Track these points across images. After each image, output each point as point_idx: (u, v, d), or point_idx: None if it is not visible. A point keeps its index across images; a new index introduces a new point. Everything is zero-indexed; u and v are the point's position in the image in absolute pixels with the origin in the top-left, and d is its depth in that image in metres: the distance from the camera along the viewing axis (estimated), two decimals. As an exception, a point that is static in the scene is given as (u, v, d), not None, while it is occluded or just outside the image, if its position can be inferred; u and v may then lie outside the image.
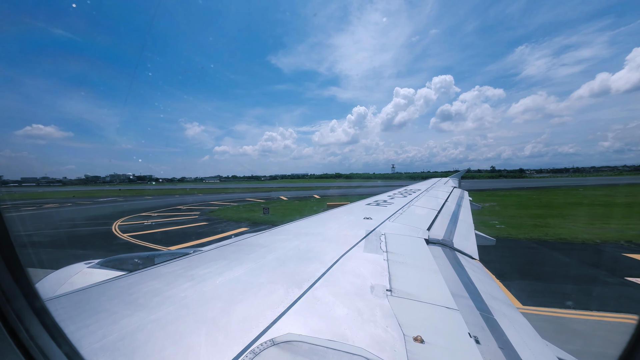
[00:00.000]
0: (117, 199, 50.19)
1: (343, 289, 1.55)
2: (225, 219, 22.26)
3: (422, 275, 1.91)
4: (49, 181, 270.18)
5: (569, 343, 5.28)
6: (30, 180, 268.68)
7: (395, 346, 1.08)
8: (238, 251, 2.25)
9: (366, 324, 1.22)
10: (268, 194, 54.75)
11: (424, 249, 2.55)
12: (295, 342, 1.05)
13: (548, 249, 11.88)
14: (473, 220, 4.79)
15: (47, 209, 34.53)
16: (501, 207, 26.51)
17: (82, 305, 1.35)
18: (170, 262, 1.98)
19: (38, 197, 58.28)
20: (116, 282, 1.64)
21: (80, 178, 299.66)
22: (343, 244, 2.45)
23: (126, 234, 16.88)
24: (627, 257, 10.46)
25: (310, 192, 58.40)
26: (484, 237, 4.08)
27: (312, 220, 3.68)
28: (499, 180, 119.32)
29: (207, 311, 1.27)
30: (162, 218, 23.71)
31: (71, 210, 32.01)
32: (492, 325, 1.49)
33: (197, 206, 32.86)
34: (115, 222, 22.00)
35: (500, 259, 10.48)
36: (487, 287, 2.08)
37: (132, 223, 21.36)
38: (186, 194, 61.63)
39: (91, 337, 1.07)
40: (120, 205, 36.65)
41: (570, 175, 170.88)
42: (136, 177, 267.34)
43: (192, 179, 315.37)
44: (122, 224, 21.06)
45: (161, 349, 1.01)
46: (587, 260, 10.34)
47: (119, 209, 32.69)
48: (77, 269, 2.59)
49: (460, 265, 2.44)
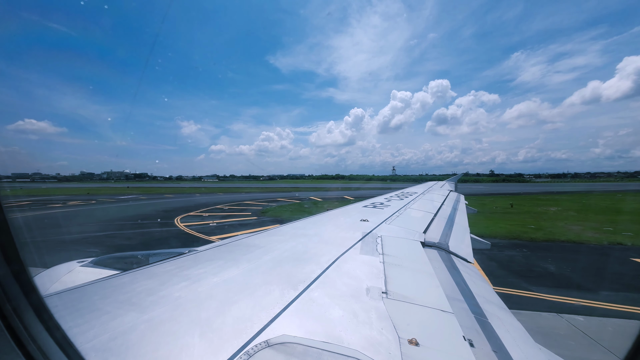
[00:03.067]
0: (140, 196, 46.02)
1: (339, 290, 1.55)
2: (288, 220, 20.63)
3: (418, 278, 1.92)
4: (42, 177, 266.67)
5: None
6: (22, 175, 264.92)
7: (390, 349, 1.09)
8: (234, 251, 2.24)
9: (361, 326, 1.22)
10: (290, 194, 50.02)
11: (420, 251, 2.56)
12: (289, 344, 1.05)
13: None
14: (593, 226, 4.52)
15: (86, 206, 31.77)
16: (579, 212, 24.50)
17: (73, 304, 1.33)
18: (165, 262, 1.97)
19: (49, 194, 54.07)
20: (109, 281, 1.62)
21: (75, 174, 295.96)
22: (339, 245, 2.45)
23: (203, 234, 15.38)
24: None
25: (331, 193, 55.12)
26: (479, 240, 4.11)
27: (309, 222, 3.68)
28: (505, 184, 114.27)
29: (201, 312, 1.26)
30: (223, 218, 21.27)
31: (116, 208, 29.73)
32: (486, 328, 1.50)
33: (237, 205, 30.35)
34: (173, 220, 20.63)
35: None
36: (482, 290, 2.09)
37: (195, 224, 19.13)
38: (206, 192, 57.17)
39: (82, 337, 1.06)
40: (157, 204, 33.38)
41: (572, 181, 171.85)
42: (134, 175, 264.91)
43: (190, 177, 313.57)
44: (187, 223, 19.13)
45: (154, 349, 1.00)
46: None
47: (159, 207, 29.90)
48: (69, 267, 2.55)
49: (456, 268, 2.45)
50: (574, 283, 8.58)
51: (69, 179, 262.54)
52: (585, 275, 9.39)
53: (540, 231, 15.89)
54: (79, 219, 22.16)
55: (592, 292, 7.87)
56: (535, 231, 15.90)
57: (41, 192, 59.01)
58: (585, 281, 8.75)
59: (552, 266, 10.14)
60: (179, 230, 17.05)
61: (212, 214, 23.89)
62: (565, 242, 13.64)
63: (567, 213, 24.02)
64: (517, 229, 16.53)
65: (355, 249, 2.39)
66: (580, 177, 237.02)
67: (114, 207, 30.70)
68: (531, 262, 10.59)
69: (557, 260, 10.85)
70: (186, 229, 17.27)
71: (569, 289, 8.05)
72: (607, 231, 15.80)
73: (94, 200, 39.49)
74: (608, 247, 12.75)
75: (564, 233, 15.36)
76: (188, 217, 22.43)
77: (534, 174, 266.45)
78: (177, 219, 21.21)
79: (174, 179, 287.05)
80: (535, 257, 11.29)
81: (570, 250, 12.41)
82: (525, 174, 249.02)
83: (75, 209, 29.56)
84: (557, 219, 20.94)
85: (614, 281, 8.68)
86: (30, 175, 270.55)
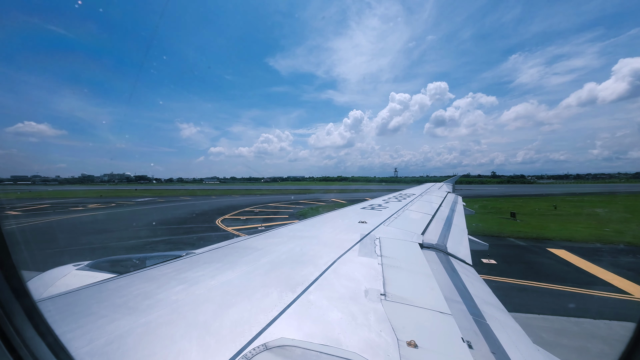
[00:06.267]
0: (156, 199, 45.72)
1: (337, 293, 1.55)
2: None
3: (416, 279, 1.92)
4: (43, 180, 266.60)
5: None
6: (22, 178, 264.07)
7: (389, 351, 1.08)
8: (231, 254, 2.24)
9: (360, 328, 1.22)
10: (305, 195, 49.68)
11: (418, 253, 2.55)
12: (288, 347, 1.04)
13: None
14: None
15: (110, 209, 31.12)
16: (633, 214, 24.07)
17: (69, 308, 1.33)
18: (162, 265, 1.96)
19: (61, 197, 53.36)
20: (105, 285, 1.61)
21: (75, 177, 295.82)
22: (337, 247, 2.44)
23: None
24: None
25: (348, 194, 53.99)
26: (477, 241, 4.10)
27: (307, 224, 3.68)
28: (511, 186, 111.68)
29: (198, 315, 1.26)
30: (265, 221, 20.76)
31: (149, 210, 29.39)
32: (484, 330, 1.49)
33: (264, 208, 29.73)
34: (214, 223, 20.33)
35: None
36: (480, 292, 2.09)
37: (243, 227, 18.56)
38: (221, 195, 56.07)
39: (78, 341, 1.05)
40: (182, 207, 32.50)
41: (576, 182, 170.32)
42: (135, 177, 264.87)
43: (190, 179, 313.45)
44: (235, 227, 18.61)
45: (151, 353, 1.00)
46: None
47: (187, 210, 29.13)
48: (65, 271, 2.53)
49: (454, 269, 2.45)
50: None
51: (69, 181, 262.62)
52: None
53: (623, 234, 15.32)
54: (112, 224, 21.30)
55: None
56: (618, 234, 15.33)
57: (50, 195, 58.17)
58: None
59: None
60: (229, 234, 16.64)
61: (249, 217, 23.54)
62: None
63: (620, 215, 23.23)
64: (595, 232, 16.00)
65: (353, 250, 2.38)
66: (583, 179, 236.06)
67: (146, 210, 29.81)
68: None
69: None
70: (238, 232, 16.85)
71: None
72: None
73: (114, 203, 38.53)
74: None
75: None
76: (226, 220, 21.99)
77: (535, 175, 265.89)
78: (219, 222, 20.84)
79: (175, 181, 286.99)
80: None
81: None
82: (527, 175, 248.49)
83: (105, 212, 28.92)
84: (620, 221, 20.23)
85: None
86: (30, 177, 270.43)
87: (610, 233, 15.85)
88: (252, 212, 26.58)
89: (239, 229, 18.26)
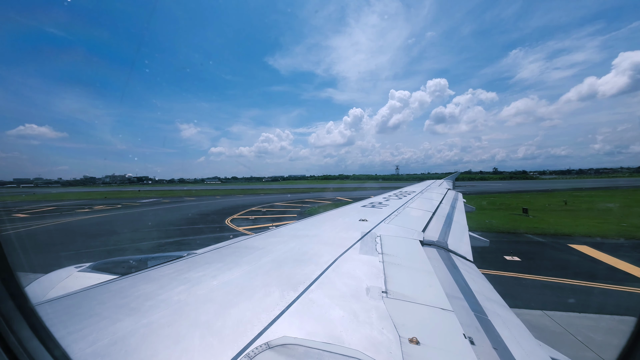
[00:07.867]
0: (160, 199, 45.40)
1: (339, 291, 1.55)
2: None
3: (418, 276, 1.92)
4: (46, 182, 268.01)
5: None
6: (24, 180, 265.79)
7: (391, 348, 1.09)
8: (233, 254, 2.24)
9: (362, 326, 1.22)
10: (309, 194, 49.46)
11: (419, 250, 2.55)
12: (290, 345, 1.05)
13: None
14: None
15: (120, 210, 31.28)
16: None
17: (72, 309, 1.33)
18: (164, 265, 1.97)
19: (66, 199, 52.49)
20: (108, 286, 1.62)
21: (77, 179, 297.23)
22: (339, 246, 2.44)
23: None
24: None
25: (354, 192, 53.10)
26: (478, 238, 4.09)
27: (308, 222, 3.68)
28: (514, 182, 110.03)
29: (201, 315, 1.27)
30: (275, 221, 20.57)
31: (156, 211, 29.30)
32: (486, 326, 1.49)
33: (270, 207, 29.63)
34: (224, 222, 20.33)
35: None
36: (481, 288, 2.09)
37: (254, 227, 18.36)
38: (225, 195, 55.83)
39: (82, 342, 1.05)
40: (188, 207, 32.53)
41: (578, 177, 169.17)
42: (136, 178, 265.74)
43: (192, 180, 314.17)
44: (246, 227, 18.31)
45: (154, 353, 1.00)
46: None
47: (194, 210, 29.13)
48: (67, 272, 2.53)
49: (455, 266, 2.44)
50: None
51: (71, 183, 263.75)
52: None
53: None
54: (132, 225, 21.32)
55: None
56: (637, 229, 15.11)
57: (54, 197, 58.05)
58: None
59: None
60: (241, 233, 16.50)
61: (258, 217, 23.39)
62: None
63: (634, 209, 23.13)
64: (612, 227, 15.85)
65: (354, 248, 2.38)
66: (585, 174, 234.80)
67: (154, 211, 29.64)
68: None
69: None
70: (249, 232, 16.67)
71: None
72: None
73: (120, 204, 38.35)
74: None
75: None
76: (235, 220, 21.90)
77: (537, 171, 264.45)
78: (228, 221, 20.79)
79: (176, 182, 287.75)
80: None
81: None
82: (528, 171, 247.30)
83: (113, 213, 28.85)
84: (636, 215, 20.15)
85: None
86: (32, 180, 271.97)
87: (630, 228, 15.68)
88: (260, 212, 26.60)
89: (249, 228, 18.21)
